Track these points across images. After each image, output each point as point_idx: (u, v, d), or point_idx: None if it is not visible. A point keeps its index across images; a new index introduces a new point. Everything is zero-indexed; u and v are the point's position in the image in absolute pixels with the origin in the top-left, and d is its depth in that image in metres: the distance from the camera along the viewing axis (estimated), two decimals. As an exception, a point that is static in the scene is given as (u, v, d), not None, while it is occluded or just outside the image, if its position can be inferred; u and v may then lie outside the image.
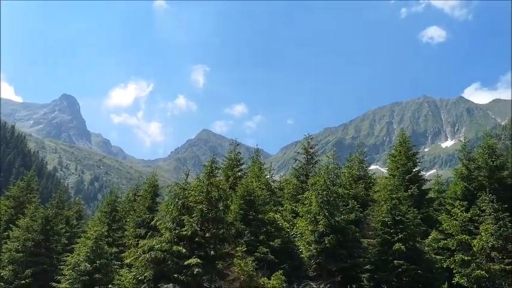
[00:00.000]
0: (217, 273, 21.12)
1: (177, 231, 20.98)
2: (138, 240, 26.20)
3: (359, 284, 25.06)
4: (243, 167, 39.91)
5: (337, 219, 26.52)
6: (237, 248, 22.09)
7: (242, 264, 20.21)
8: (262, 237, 25.84)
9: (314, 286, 22.72)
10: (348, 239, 26.42)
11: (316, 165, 40.21)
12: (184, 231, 20.72)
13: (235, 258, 21.05)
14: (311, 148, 41.73)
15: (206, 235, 20.98)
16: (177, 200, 21.99)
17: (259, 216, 27.09)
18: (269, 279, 21.18)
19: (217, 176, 29.05)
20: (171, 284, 19.30)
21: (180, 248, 20.25)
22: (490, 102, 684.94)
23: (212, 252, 20.64)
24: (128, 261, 22.22)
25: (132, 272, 21.36)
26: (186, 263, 19.67)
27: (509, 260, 25.49)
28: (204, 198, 21.91)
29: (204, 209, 21.37)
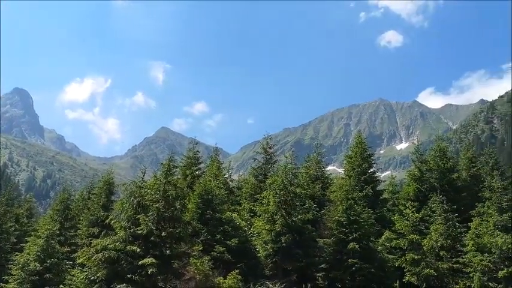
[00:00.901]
0: (173, 272, 20.87)
1: (132, 230, 20.57)
2: (91, 240, 25.59)
3: (314, 283, 25.36)
4: (201, 165, 39.65)
5: (294, 218, 26.78)
6: (194, 248, 21.91)
7: (198, 264, 20.05)
8: (219, 236, 25.73)
9: (270, 285, 22.83)
10: (304, 238, 26.72)
11: (274, 165, 40.47)
12: (140, 230, 20.35)
13: (192, 258, 20.86)
14: (270, 148, 41.96)
15: (162, 234, 20.68)
16: (132, 198, 21.57)
17: (217, 215, 26.97)
18: (225, 278, 21.11)
19: (175, 175, 28.71)
20: (124, 284, 18.88)
21: (135, 248, 19.86)
22: (442, 106, 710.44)
23: (168, 251, 20.37)
24: (80, 260, 21.60)
25: (84, 272, 20.78)
26: (140, 262, 19.32)
27: (457, 259, 26.54)
28: (161, 197, 21.60)
29: (161, 207, 21.07)
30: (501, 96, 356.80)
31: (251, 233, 28.87)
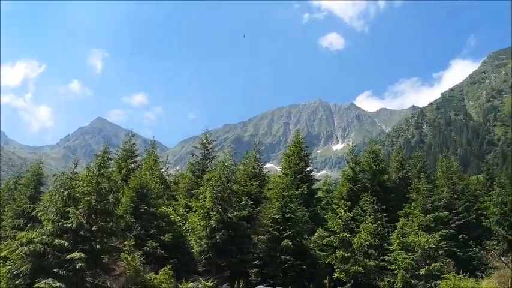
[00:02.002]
0: (102, 268, 20.24)
1: (60, 223, 19.70)
2: (16, 232, 24.26)
3: (247, 279, 25.57)
4: (137, 158, 38.77)
5: (229, 215, 26.83)
6: (126, 242, 21.35)
7: (129, 259, 19.57)
8: (153, 231, 25.29)
9: (203, 281, 22.74)
10: (239, 234, 26.85)
11: (213, 161, 40.36)
12: (69, 223, 19.53)
13: (123, 253, 20.32)
14: (209, 143, 41.80)
15: (93, 228, 19.97)
16: (62, 190, 20.65)
17: (151, 209, 26.48)
18: (157, 274, 20.79)
19: (110, 167, 27.93)
20: (50, 279, 18.05)
21: (63, 241, 19.05)
22: (377, 110, 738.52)
23: (98, 246, 19.70)
24: (3, 254, 20.42)
25: (7, 265, 19.66)
26: (68, 257, 18.55)
27: (383, 257, 27.79)
28: (93, 190, 20.84)
29: (92, 200, 20.33)
30: (431, 104, 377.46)
31: (186, 228, 28.61)
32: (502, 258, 28.98)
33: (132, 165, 36.85)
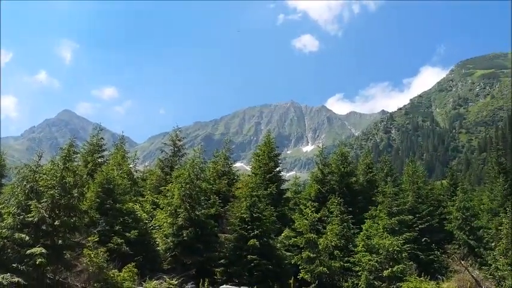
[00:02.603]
0: (64, 263, 19.73)
1: (21, 217, 19.11)
2: (-27, 225, 23.40)
3: (212, 278, 25.44)
4: (105, 153, 38.01)
5: (197, 213, 26.65)
6: (89, 238, 20.89)
7: (92, 255, 19.14)
8: (118, 227, 24.82)
9: (167, 279, 22.49)
10: (206, 233, 26.71)
11: (182, 158, 40.02)
12: (31, 217, 18.97)
13: (86, 249, 19.87)
14: (179, 140, 41.41)
15: (55, 223, 19.44)
16: (25, 183, 20.03)
17: (117, 205, 25.98)
18: (121, 271, 20.44)
19: (76, 161, 27.29)
20: (8, 274, 17.49)
21: (23, 236, 18.48)
22: (348, 113, 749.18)
23: (60, 241, 19.21)
24: (-41, 248, 19.68)
25: (-37, 259, 18.96)
26: (28, 252, 18.02)
27: (348, 258, 28.15)
28: (57, 183, 20.29)
29: (56, 194, 19.79)
30: (400, 109, 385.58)
31: (152, 225, 28.24)
32: (462, 262, 29.77)
33: (99, 160, 36.12)
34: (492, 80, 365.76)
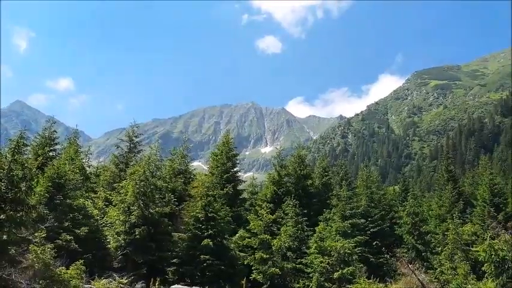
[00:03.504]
0: (9, 259, 18.89)
1: (-37, 210, 18.20)
2: None
3: (164, 277, 25.10)
4: (57, 147, 36.71)
5: (151, 211, 26.23)
6: (36, 234, 20.12)
7: (39, 252, 18.44)
8: (67, 224, 24.03)
9: (117, 277, 22.00)
10: (159, 231, 26.32)
11: (138, 155, 39.26)
12: (-26, 211, 18.10)
13: (32, 245, 19.12)
14: (136, 137, 40.62)
15: (1, 217, 18.61)
16: (-31, 175, 19.08)
17: (68, 201, 25.17)
18: (68, 269, 19.79)
19: (25, 154, 26.22)
20: None
21: (-35, 230, 17.61)
22: (307, 117, 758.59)
23: (5, 236, 18.38)
24: None
25: None
26: (-30, 246, 17.20)
27: (301, 260, 28.46)
28: (4, 176, 19.41)
29: (2, 187, 18.94)
30: (357, 115, 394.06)
31: (104, 222, 27.56)
32: (410, 266, 30.68)
33: (51, 154, 34.85)
34: (445, 90, 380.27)
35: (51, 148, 35.57)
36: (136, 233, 24.70)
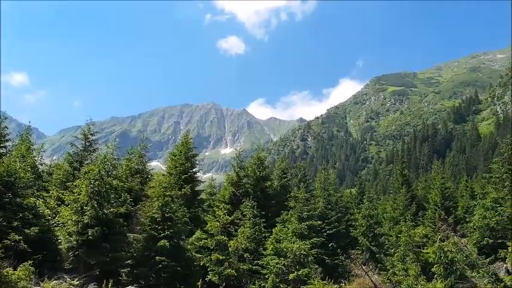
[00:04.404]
0: (-49, 261, 18.04)
1: None
2: None
3: (117, 279, 24.55)
4: (8, 144, 35.28)
5: (105, 211, 25.57)
6: (-18, 234, 19.28)
7: (-16, 252, 17.70)
8: (16, 223, 23.12)
9: (68, 279, 21.35)
10: (113, 232, 25.68)
11: (94, 153, 38.22)
12: None
13: (-23, 246, 18.32)
14: (92, 134, 39.45)
15: None
16: None
17: (18, 200, 24.24)
18: (16, 269, 19.05)
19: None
20: None
21: None
22: (268, 119, 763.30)
23: None
24: None
25: None
26: None
27: (257, 261, 28.54)
28: None
29: None
30: (317, 118, 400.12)
31: (55, 222, 26.68)
32: (363, 267, 31.39)
33: (1, 151, 33.47)
34: (402, 97, 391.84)
35: (1, 145, 34.15)
36: (89, 233, 24.01)
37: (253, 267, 28.12)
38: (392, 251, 35.43)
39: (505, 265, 31.64)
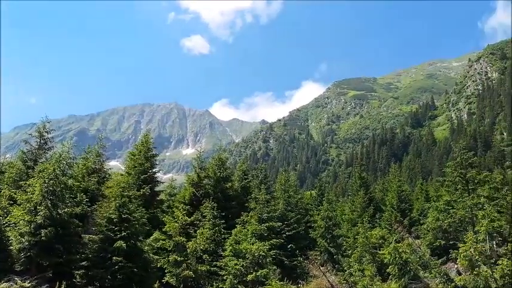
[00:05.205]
0: None
1: None
2: None
3: (71, 281, 23.87)
4: (-44, 140, 33.84)
5: (60, 211, 24.80)
6: None
7: None
8: (-36, 224, 22.17)
9: (19, 281, 20.58)
10: (68, 233, 24.95)
11: (49, 152, 37.04)
12: None
13: None
14: (47, 132, 38.22)
15: None
16: None
17: (-34, 199, 23.25)
18: (-38, 272, 18.24)
19: None
20: None
21: None
22: (230, 120, 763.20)
23: None
24: None
25: None
26: None
27: (216, 263, 28.40)
28: None
29: None
30: (279, 120, 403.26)
31: (6, 222, 25.66)
32: (321, 268, 31.83)
33: (-51, 147, 32.01)
34: (362, 101, 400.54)
35: (-51, 141, 32.68)
36: (42, 234, 23.23)
37: (212, 269, 27.94)
38: (350, 252, 36.08)
39: (455, 266, 32.83)
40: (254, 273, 25.85)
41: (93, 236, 26.62)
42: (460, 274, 29.99)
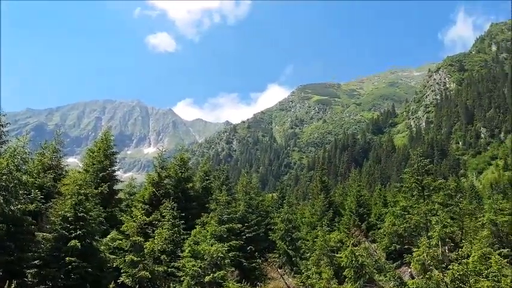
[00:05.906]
0: None
1: None
2: None
3: (23, 280, 23.05)
4: None
5: (12, 208, 23.93)
6: None
7: None
8: None
9: (-36, 281, 19.70)
10: (20, 230, 24.10)
11: (3, 146, 35.67)
12: None
13: None
14: (2, 126, 36.72)
15: None
16: None
17: None
18: None
19: None
20: None
21: None
22: (194, 120, 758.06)
23: None
24: None
25: None
26: None
27: (173, 264, 28.09)
28: None
29: None
30: (243, 122, 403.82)
31: (-46, 219, 24.56)
32: (279, 270, 32.02)
33: None
34: (325, 106, 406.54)
35: None
36: (-7, 231, 22.38)
37: (169, 270, 27.60)
38: (308, 255, 36.43)
39: (409, 270, 33.74)
40: (212, 274, 25.72)
41: (47, 234, 25.80)
42: (413, 278, 30.84)
